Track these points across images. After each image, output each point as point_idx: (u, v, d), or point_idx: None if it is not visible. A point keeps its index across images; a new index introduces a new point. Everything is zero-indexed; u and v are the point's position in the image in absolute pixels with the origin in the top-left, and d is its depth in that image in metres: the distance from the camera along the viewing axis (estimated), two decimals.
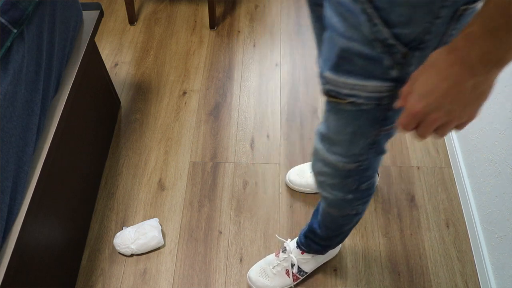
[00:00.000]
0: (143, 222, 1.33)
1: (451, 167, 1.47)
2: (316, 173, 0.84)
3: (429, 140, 1.54)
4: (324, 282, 1.25)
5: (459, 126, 0.53)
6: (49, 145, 1.00)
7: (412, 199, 1.41)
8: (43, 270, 1.05)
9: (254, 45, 1.84)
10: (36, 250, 1.01)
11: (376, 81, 0.60)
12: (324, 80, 0.65)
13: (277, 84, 1.71)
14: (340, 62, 0.60)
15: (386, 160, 1.50)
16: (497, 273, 1.17)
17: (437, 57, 0.49)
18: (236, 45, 1.84)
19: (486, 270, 1.21)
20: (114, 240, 1.29)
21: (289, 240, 1.22)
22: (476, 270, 1.27)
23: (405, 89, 0.54)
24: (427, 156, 1.50)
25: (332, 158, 0.77)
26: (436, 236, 1.33)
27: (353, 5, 0.54)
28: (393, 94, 0.62)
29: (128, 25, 1.92)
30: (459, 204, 1.39)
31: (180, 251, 1.31)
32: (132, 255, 1.30)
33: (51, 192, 1.08)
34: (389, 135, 0.73)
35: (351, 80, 0.61)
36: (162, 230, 1.33)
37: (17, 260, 0.90)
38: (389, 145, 1.53)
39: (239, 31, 1.90)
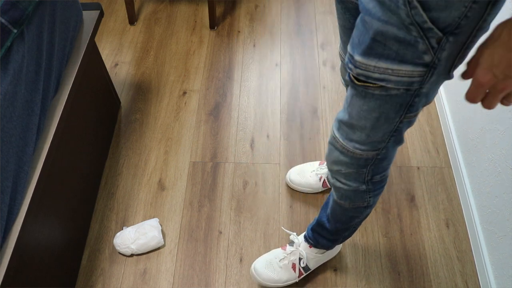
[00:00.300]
0: (143, 222, 1.33)
1: (451, 167, 1.47)
2: (332, 162, 0.85)
3: (429, 140, 1.55)
4: (324, 282, 1.25)
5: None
6: (49, 145, 1.00)
7: (412, 199, 1.41)
8: (43, 270, 1.04)
9: (254, 45, 1.84)
10: (36, 250, 1.01)
11: (408, 65, 0.61)
12: (354, 65, 0.65)
13: (277, 84, 1.71)
14: (374, 45, 0.61)
15: None
16: (497, 273, 1.17)
17: (501, 29, 0.53)
18: (236, 45, 1.84)
19: (486, 270, 1.21)
20: (114, 240, 1.29)
21: (295, 233, 1.22)
22: (476, 270, 1.27)
23: (471, 61, 0.57)
24: (427, 156, 1.50)
25: (350, 145, 0.77)
26: (436, 236, 1.33)
27: None
28: (423, 80, 0.63)
29: (128, 25, 1.92)
30: (459, 204, 1.39)
31: (180, 251, 1.31)
32: (132, 255, 1.30)
33: (51, 192, 1.08)
34: (410, 122, 0.74)
35: (382, 64, 0.62)
36: (162, 230, 1.33)
37: (17, 260, 0.90)
38: None
39: (239, 31, 1.90)
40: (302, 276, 1.22)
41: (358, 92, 0.69)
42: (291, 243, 1.22)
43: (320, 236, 1.11)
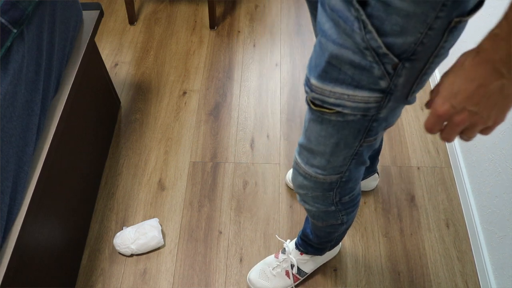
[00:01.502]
0: (143, 222, 1.33)
1: (451, 167, 1.47)
2: (297, 186, 0.84)
3: (429, 140, 1.54)
4: (324, 282, 1.25)
5: (485, 131, 0.52)
6: (49, 145, 1.00)
7: (412, 199, 1.41)
8: (43, 270, 1.04)
9: (254, 45, 1.84)
10: (36, 250, 1.01)
11: (364, 91, 0.59)
12: (310, 88, 0.63)
13: (277, 84, 1.71)
14: (329, 69, 0.59)
15: (386, 160, 1.50)
16: (497, 273, 1.17)
17: (464, 58, 0.49)
18: (236, 45, 1.84)
19: (486, 270, 1.21)
20: (114, 240, 1.29)
21: (288, 241, 1.23)
22: (476, 270, 1.27)
23: (434, 90, 0.54)
24: (427, 156, 1.50)
25: (311, 170, 0.76)
26: (436, 236, 1.33)
27: (347, 12, 0.53)
28: (379, 105, 0.61)
29: (128, 25, 1.92)
30: (459, 204, 1.39)
31: (180, 251, 1.31)
32: (132, 255, 1.30)
33: (51, 192, 1.08)
34: (372, 146, 0.72)
35: (338, 89, 0.60)
36: (162, 230, 1.33)
37: (17, 260, 0.90)
38: (389, 145, 1.54)
39: (239, 31, 1.90)
40: (299, 281, 1.22)
41: (315, 117, 0.67)
42: (284, 250, 1.22)
43: (307, 245, 1.12)
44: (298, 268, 1.19)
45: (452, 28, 0.52)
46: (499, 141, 1.19)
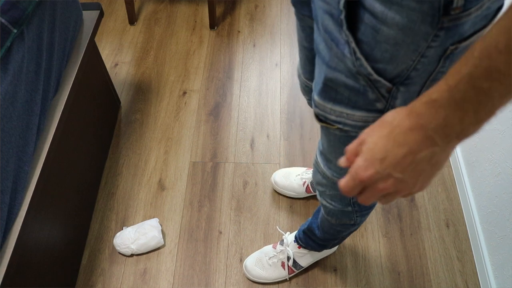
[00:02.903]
0: (143, 222, 1.33)
1: (451, 167, 1.47)
2: (316, 183, 0.85)
3: None
4: (324, 282, 1.25)
5: (406, 195, 0.47)
6: (49, 145, 1.00)
7: (412, 199, 1.41)
8: (43, 270, 1.04)
9: (254, 45, 1.84)
10: (36, 250, 1.01)
11: (362, 111, 0.58)
12: (314, 104, 0.63)
13: (277, 84, 1.71)
14: (327, 89, 0.59)
15: None
16: (497, 273, 1.17)
17: (393, 118, 0.43)
18: (236, 45, 1.84)
19: (486, 270, 1.21)
20: (114, 240, 1.29)
21: (288, 233, 1.23)
22: (476, 270, 1.27)
23: (351, 147, 0.47)
24: None
25: (329, 173, 0.77)
26: (436, 236, 1.33)
27: (338, 35, 0.51)
28: None
29: (128, 25, 1.92)
30: (459, 204, 1.39)
31: (180, 251, 1.31)
32: (132, 255, 1.30)
33: (51, 192, 1.08)
34: None
35: (337, 108, 0.59)
36: (162, 230, 1.33)
37: (17, 260, 0.90)
38: None
39: (239, 31, 1.90)
40: (294, 274, 1.23)
41: (322, 129, 0.69)
42: (282, 242, 1.23)
43: (310, 240, 1.13)
44: (294, 261, 1.20)
45: (449, 55, 0.49)
46: (499, 141, 1.19)
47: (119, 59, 1.79)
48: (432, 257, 1.29)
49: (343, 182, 0.47)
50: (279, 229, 1.23)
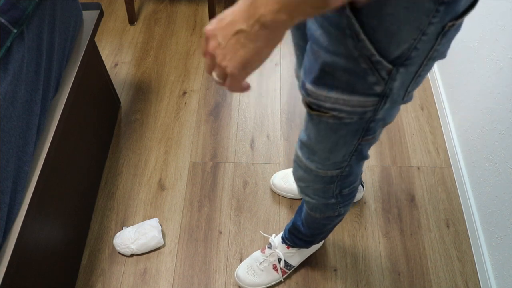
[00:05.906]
0: (143, 222, 1.33)
1: (451, 167, 1.47)
2: (297, 179, 0.84)
3: (429, 140, 1.54)
4: (324, 282, 1.25)
5: (222, 72, 0.50)
6: (49, 145, 1.00)
7: (412, 199, 1.41)
8: (43, 270, 1.04)
9: None
10: (36, 250, 1.01)
11: (360, 96, 0.58)
12: (306, 93, 0.63)
13: (277, 84, 1.71)
14: (323, 76, 0.59)
15: (386, 160, 1.50)
16: (497, 273, 1.17)
17: None
18: None
19: (486, 270, 1.21)
20: (114, 240, 1.29)
21: (273, 235, 1.23)
22: (476, 270, 1.27)
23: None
24: (427, 156, 1.50)
25: (312, 165, 0.77)
26: (436, 236, 1.33)
27: (338, 19, 0.52)
28: (376, 108, 0.61)
29: (128, 25, 1.92)
30: (459, 204, 1.39)
31: (180, 251, 1.31)
32: (132, 255, 1.30)
33: (51, 192, 1.08)
34: (371, 143, 0.72)
35: (333, 94, 0.59)
36: (162, 230, 1.33)
37: (17, 260, 0.90)
38: (389, 145, 1.54)
39: None
40: (287, 274, 1.23)
41: (312, 119, 0.68)
42: (269, 245, 1.22)
43: (297, 238, 1.13)
44: (285, 262, 1.20)
45: (446, 32, 0.51)
46: (499, 141, 1.19)
47: (119, 59, 1.79)
48: (432, 257, 1.29)
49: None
50: (263, 233, 1.23)
